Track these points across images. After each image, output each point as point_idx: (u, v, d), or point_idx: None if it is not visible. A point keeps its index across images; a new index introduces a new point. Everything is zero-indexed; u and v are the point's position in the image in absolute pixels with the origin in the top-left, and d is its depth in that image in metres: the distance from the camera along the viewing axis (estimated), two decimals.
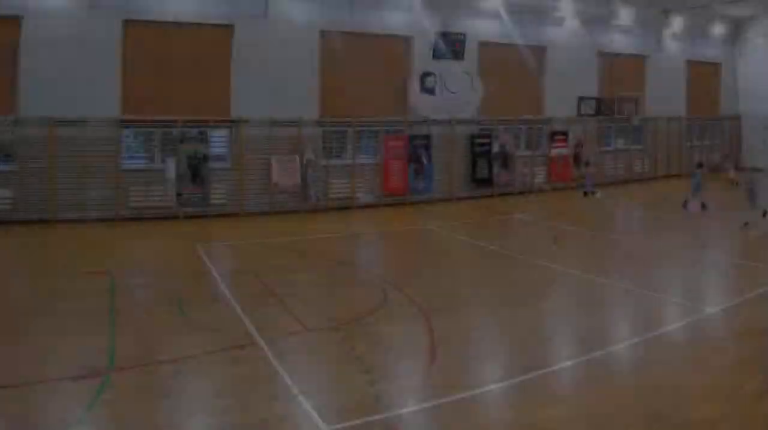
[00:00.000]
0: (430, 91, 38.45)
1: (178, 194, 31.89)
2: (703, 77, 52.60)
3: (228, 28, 33.62)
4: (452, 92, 38.94)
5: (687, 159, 50.37)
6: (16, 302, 17.41)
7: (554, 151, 42.93)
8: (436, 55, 38.34)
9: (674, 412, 10.80)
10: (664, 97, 48.66)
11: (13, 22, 29.50)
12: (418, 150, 37.74)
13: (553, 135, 42.98)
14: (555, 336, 15.38)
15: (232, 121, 33.56)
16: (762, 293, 18.08)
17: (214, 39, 33.58)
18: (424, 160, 37.88)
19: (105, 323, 15.41)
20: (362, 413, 10.74)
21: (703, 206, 31.68)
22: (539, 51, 42.80)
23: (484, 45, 40.47)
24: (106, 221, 30.31)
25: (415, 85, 38.13)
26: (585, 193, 39.17)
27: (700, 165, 33.59)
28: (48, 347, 13.74)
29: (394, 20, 37.78)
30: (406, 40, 38.34)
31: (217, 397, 11.56)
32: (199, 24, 33.02)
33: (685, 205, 32.61)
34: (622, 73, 46.99)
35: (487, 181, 40.23)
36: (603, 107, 44.99)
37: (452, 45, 38.53)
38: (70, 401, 11.23)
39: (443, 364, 13.09)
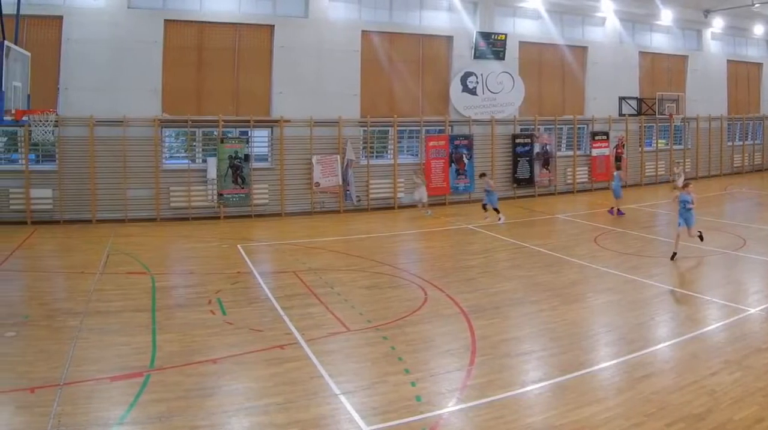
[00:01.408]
0: (472, 92, 37.07)
1: (219, 195, 30.84)
2: (744, 77, 50.65)
3: (268, 28, 32.43)
4: (493, 92, 37.58)
5: (728, 159, 48.92)
6: (58, 302, 16.88)
7: (595, 151, 41.35)
8: (477, 55, 36.98)
9: (716, 412, 10.35)
10: (705, 97, 46.74)
11: (54, 21, 28.52)
12: (459, 150, 36.38)
13: (594, 135, 41.46)
14: (595, 335, 14.70)
15: (273, 121, 32.33)
16: None
17: (255, 39, 32.41)
18: (465, 160, 36.53)
19: (146, 323, 15.03)
20: (402, 413, 10.46)
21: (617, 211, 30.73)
22: (580, 51, 41.21)
23: (524, 45, 38.90)
24: (146, 221, 29.40)
25: (456, 85, 36.74)
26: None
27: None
28: (90, 347, 13.37)
29: (434, 20, 36.45)
30: (447, 40, 36.89)
31: (257, 397, 11.15)
32: (239, 24, 31.90)
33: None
34: (663, 73, 45.31)
35: (529, 181, 38.81)
36: (644, 107, 43.42)
37: (493, 45, 37.14)
38: (111, 400, 10.93)
39: (484, 364, 12.63)
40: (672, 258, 21.23)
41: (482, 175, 31.43)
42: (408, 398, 11.00)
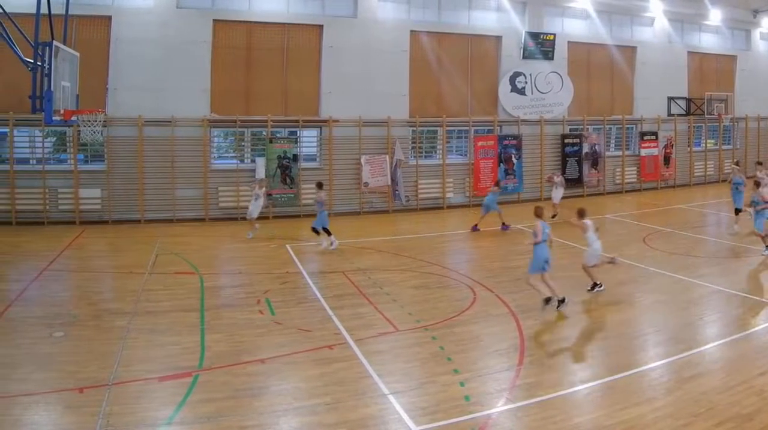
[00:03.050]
0: (520, 92, 35.19)
1: (268, 194, 29.19)
2: None
3: (317, 28, 30.91)
4: (542, 92, 35.74)
5: None
6: (106, 302, 16.60)
7: (644, 152, 39.25)
8: (526, 54, 35.15)
9: (764, 413, 10.10)
10: (754, 96, 43.98)
11: (103, 21, 27.29)
12: (508, 150, 34.57)
13: (642, 135, 39.29)
14: (644, 336, 14.19)
15: (322, 121, 30.83)
16: None
17: (304, 39, 30.89)
18: (514, 160, 34.73)
19: (195, 323, 14.70)
20: (451, 413, 10.16)
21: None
22: (629, 51, 39.01)
23: (573, 45, 36.88)
24: (195, 221, 28.22)
25: (505, 85, 34.94)
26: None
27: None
28: (139, 347, 13.10)
29: (483, 20, 34.61)
30: (496, 40, 35.03)
31: (306, 397, 10.89)
32: (288, 24, 30.43)
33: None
34: (712, 73, 42.78)
35: (578, 181, 36.74)
36: (692, 107, 41.16)
37: (542, 45, 35.32)
38: (160, 400, 10.68)
39: (532, 364, 12.30)
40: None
41: (320, 185, 24.53)
42: (457, 398, 10.71)
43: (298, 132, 30.88)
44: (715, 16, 40.82)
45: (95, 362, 12.08)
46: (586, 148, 36.89)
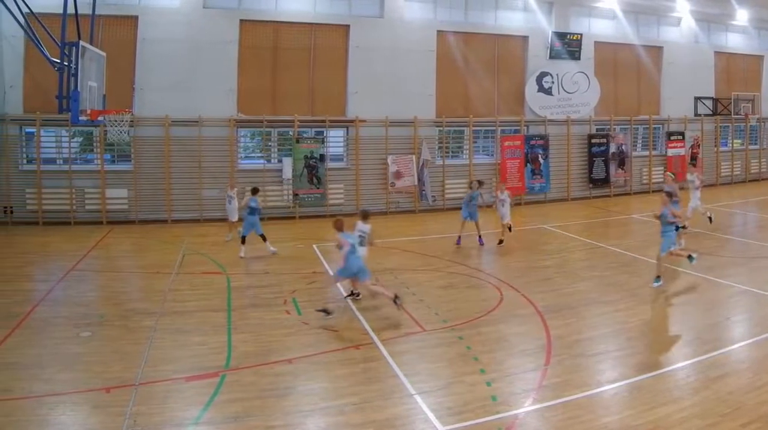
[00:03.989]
0: (547, 91, 34.00)
1: (295, 194, 28.66)
2: None
3: (344, 28, 29.95)
4: (569, 92, 34.61)
5: None
6: (133, 302, 16.17)
7: (671, 152, 37.93)
8: (553, 54, 33.99)
9: None
10: None
11: (129, 21, 26.56)
12: (534, 150, 33.44)
13: (669, 135, 38.00)
14: (670, 336, 13.88)
15: (349, 121, 29.90)
16: None
17: (330, 39, 29.95)
18: (541, 160, 33.67)
19: (221, 323, 14.34)
20: (478, 413, 9.92)
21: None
22: (655, 51, 37.63)
23: (600, 45, 35.59)
24: (221, 221, 26.71)
25: (531, 85, 33.84)
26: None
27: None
28: (165, 347, 12.81)
29: (509, 20, 33.47)
30: (522, 40, 33.89)
31: (333, 397, 10.62)
32: (314, 24, 29.53)
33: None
34: (739, 72, 41.17)
35: (604, 181, 35.61)
36: (719, 107, 39.74)
37: (568, 45, 34.15)
38: (187, 400, 10.44)
39: (559, 364, 11.88)
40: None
41: (255, 190, 22.14)
42: (483, 397, 10.44)
43: (324, 132, 29.97)
44: (742, 16, 39.33)
45: (122, 362, 11.86)
46: (612, 148, 35.67)
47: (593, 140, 35.36)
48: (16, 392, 10.51)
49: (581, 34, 34.61)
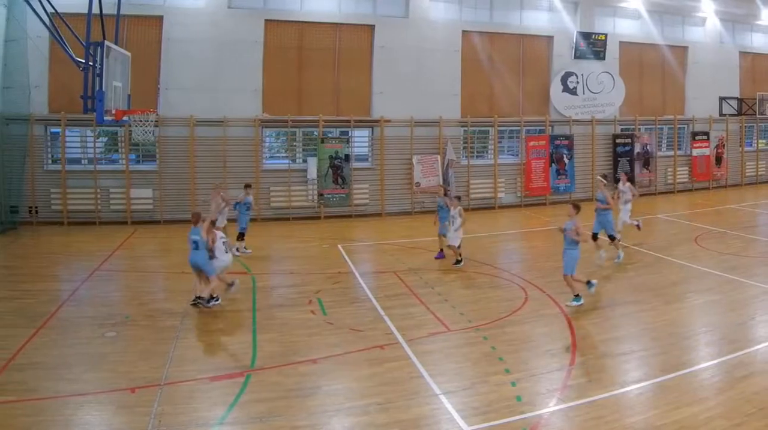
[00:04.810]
0: (572, 92, 32.87)
1: (320, 194, 27.82)
2: None
3: (369, 28, 29.02)
4: (594, 92, 33.57)
5: None
6: (158, 302, 15.82)
7: (696, 152, 36.75)
8: (578, 55, 32.89)
9: None
10: None
11: (155, 21, 25.86)
12: (559, 150, 32.35)
13: (694, 135, 36.77)
14: (695, 335, 13.45)
15: (374, 121, 28.98)
16: None
17: (355, 39, 29.06)
18: (566, 160, 32.67)
19: (246, 323, 14.13)
20: (503, 413, 9.72)
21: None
22: (680, 51, 36.40)
23: (624, 45, 34.47)
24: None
25: (556, 85, 32.79)
26: None
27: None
28: (190, 347, 12.64)
29: (534, 20, 32.38)
30: (547, 40, 32.83)
31: (358, 397, 10.40)
32: (339, 24, 28.67)
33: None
34: (764, 73, 39.71)
35: (629, 181, 34.55)
36: (744, 107, 38.48)
37: (593, 45, 33.03)
38: (212, 400, 10.26)
39: (584, 364, 11.63)
40: None
41: (248, 185, 21.98)
42: (508, 397, 10.25)
43: (349, 132, 29.11)
44: (767, 16, 38.17)
45: (147, 362, 11.63)
46: (637, 148, 34.50)
47: (618, 140, 34.24)
48: (41, 392, 10.29)
49: (606, 34, 33.52)
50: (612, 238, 19.27)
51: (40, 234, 24.13)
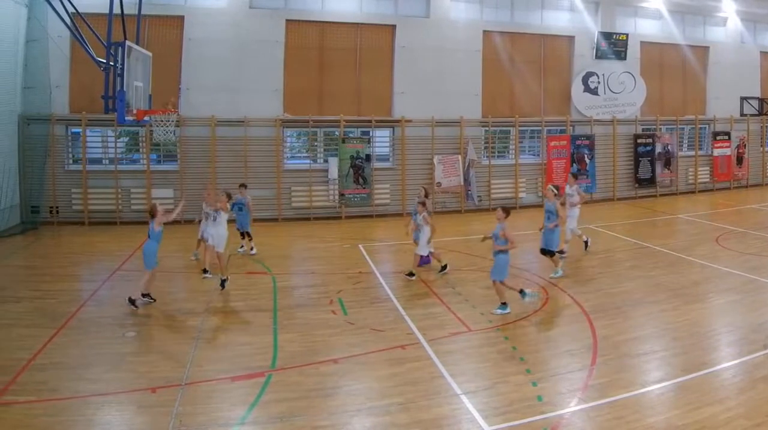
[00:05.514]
0: (593, 92, 31.87)
1: (341, 194, 27.07)
2: None
3: (390, 28, 28.21)
4: (615, 92, 32.60)
5: None
6: (178, 302, 15.51)
7: (717, 152, 35.69)
8: (599, 55, 31.88)
9: None
10: None
11: (176, 21, 25.28)
12: (581, 150, 31.38)
13: (715, 135, 35.72)
14: (717, 335, 13.10)
15: (395, 121, 28.15)
16: None
17: (376, 39, 28.25)
18: (587, 160, 31.73)
19: (267, 323, 13.82)
20: (524, 413, 9.49)
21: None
22: (701, 51, 35.31)
23: (645, 45, 33.43)
24: (268, 221, 26.09)
25: (577, 85, 31.85)
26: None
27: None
28: (212, 346, 12.50)
29: (556, 20, 31.40)
30: (569, 40, 31.88)
31: (378, 397, 10.20)
32: (360, 24, 27.93)
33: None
34: None
35: (650, 181, 33.56)
36: (765, 107, 37.23)
37: (614, 45, 32.04)
38: (233, 400, 10.07)
39: (605, 364, 11.39)
40: None
41: (242, 185, 20.81)
42: (529, 398, 10.05)
43: (370, 132, 28.35)
44: None
45: (167, 362, 11.49)
46: (659, 148, 33.44)
47: (639, 140, 33.19)
48: (62, 392, 10.13)
49: (627, 34, 32.46)
50: (551, 253, 17.48)
51: (61, 234, 23.69)
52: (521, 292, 14.59)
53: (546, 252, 17.47)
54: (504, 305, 14.24)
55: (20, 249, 21.20)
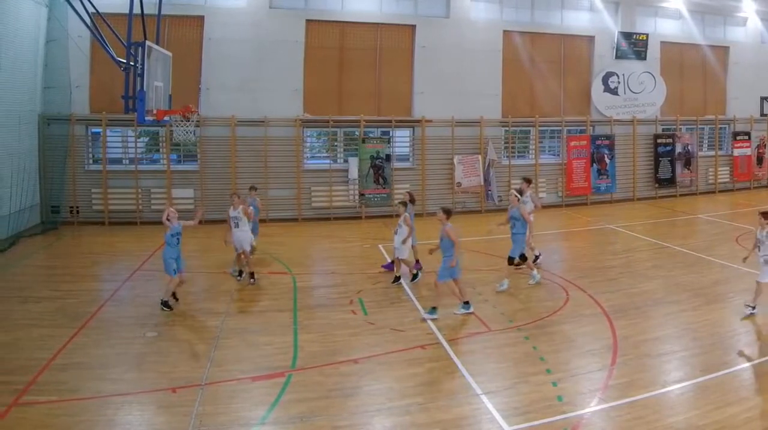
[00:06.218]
0: (613, 92, 30.92)
1: (361, 194, 26.40)
2: None
3: (410, 28, 27.43)
4: (635, 92, 31.77)
5: None
6: (199, 302, 15.25)
7: (737, 152, 34.70)
8: (619, 55, 30.97)
9: None
10: None
11: (196, 21, 24.71)
12: (601, 150, 30.48)
13: (735, 135, 34.72)
14: (737, 336, 12.73)
15: (415, 121, 27.41)
16: None
17: (396, 39, 27.47)
18: (607, 160, 30.90)
19: (288, 323, 13.57)
20: (544, 413, 9.24)
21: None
22: (721, 51, 34.30)
23: (666, 45, 32.44)
24: (288, 221, 25.61)
25: (597, 85, 30.96)
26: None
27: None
28: (231, 347, 12.13)
29: (576, 20, 30.46)
30: (589, 40, 30.98)
31: (398, 397, 9.93)
32: (380, 24, 27.19)
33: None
34: None
35: (670, 181, 32.63)
36: None
37: (634, 45, 31.11)
38: (253, 400, 9.87)
39: (625, 364, 11.12)
40: None
41: (252, 187, 19.95)
42: (549, 397, 9.79)
43: (390, 132, 27.61)
44: None
45: (188, 362, 11.33)
46: (678, 148, 32.42)
47: (659, 140, 32.20)
48: (82, 392, 9.94)
49: (647, 34, 31.48)
50: (511, 261, 16.00)
51: (81, 234, 23.30)
52: (466, 303, 14.14)
53: (511, 260, 15.95)
54: (434, 309, 13.68)
55: (41, 249, 20.79)
